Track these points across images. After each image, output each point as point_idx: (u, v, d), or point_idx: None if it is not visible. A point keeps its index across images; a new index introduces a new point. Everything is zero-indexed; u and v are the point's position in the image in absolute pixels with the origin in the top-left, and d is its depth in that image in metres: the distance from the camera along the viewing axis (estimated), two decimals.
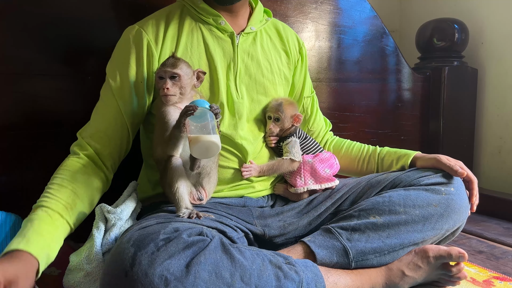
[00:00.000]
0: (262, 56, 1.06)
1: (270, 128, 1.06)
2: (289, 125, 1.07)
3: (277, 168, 1.04)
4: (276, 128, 1.06)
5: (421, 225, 0.92)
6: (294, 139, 1.06)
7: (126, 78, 0.94)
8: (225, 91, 0.99)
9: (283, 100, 1.06)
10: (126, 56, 0.95)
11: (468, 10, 1.92)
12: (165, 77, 0.86)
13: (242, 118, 1.01)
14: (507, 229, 1.49)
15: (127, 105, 0.94)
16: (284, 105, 1.05)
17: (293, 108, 1.07)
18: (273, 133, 1.06)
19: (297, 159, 1.04)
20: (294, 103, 1.10)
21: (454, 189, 0.97)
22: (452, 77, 1.77)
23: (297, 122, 1.07)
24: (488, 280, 1.04)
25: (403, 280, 0.91)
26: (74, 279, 0.79)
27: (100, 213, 0.84)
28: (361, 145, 1.21)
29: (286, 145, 1.06)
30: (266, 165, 1.04)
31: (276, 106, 1.05)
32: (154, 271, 0.63)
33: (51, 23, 1.07)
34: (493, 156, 1.87)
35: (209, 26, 1.01)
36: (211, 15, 1.00)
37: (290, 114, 1.06)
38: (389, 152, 1.15)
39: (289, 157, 1.04)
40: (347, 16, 1.59)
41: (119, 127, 0.94)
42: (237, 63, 1.01)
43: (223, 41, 1.01)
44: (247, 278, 0.70)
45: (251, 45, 1.04)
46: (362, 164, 1.18)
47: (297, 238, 0.96)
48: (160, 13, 1.02)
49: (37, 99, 1.07)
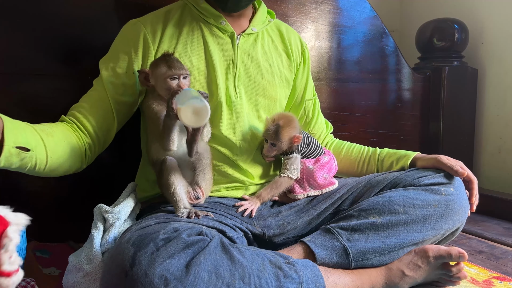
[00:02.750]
0: (263, 58, 1.06)
1: (266, 151, 1.03)
2: (288, 147, 1.03)
3: (277, 188, 1.02)
4: (273, 152, 1.02)
5: (420, 225, 0.92)
6: (295, 155, 1.03)
7: (119, 67, 0.95)
8: (223, 91, 0.99)
9: (280, 123, 0.99)
10: (122, 48, 0.96)
11: (468, 10, 1.92)
12: (179, 78, 0.87)
13: (240, 119, 1.01)
14: (507, 229, 1.49)
15: (115, 91, 0.94)
16: (281, 130, 0.98)
17: (291, 130, 1.00)
18: (270, 155, 1.04)
19: (294, 176, 1.02)
20: (293, 122, 1.01)
21: (454, 189, 0.97)
22: (452, 77, 1.77)
23: (296, 143, 1.02)
24: (488, 280, 1.04)
25: (403, 280, 0.91)
26: (73, 279, 0.79)
27: (98, 214, 0.84)
28: (360, 147, 1.21)
29: (286, 161, 1.03)
30: (264, 191, 1.01)
31: (272, 133, 0.99)
32: (154, 271, 0.63)
33: (51, 23, 1.07)
34: (493, 156, 1.87)
35: (210, 26, 1.01)
36: (212, 15, 1.00)
37: (288, 137, 1.00)
38: (389, 153, 1.15)
39: (287, 175, 1.02)
40: (347, 16, 1.59)
41: (103, 110, 0.94)
42: (237, 63, 1.01)
43: (223, 41, 1.01)
44: (247, 278, 0.70)
45: (251, 46, 1.04)
46: (362, 166, 1.18)
47: (297, 237, 0.96)
48: (160, 10, 1.03)
49: (37, 99, 1.07)
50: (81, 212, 0.97)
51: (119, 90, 0.95)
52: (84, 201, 1.01)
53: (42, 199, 1.10)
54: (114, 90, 0.94)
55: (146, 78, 0.90)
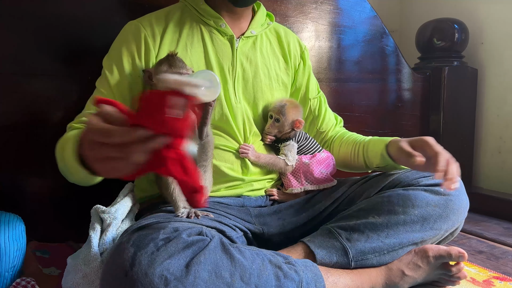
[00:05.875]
0: (261, 61, 1.05)
1: (268, 128, 1.05)
2: (289, 129, 1.06)
3: (273, 163, 1.04)
4: (275, 129, 1.05)
5: (420, 225, 0.92)
6: (293, 143, 1.05)
7: (124, 71, 0.94)
8: (223, 94, 0.99)
9: (287, 103, 1.04)
10: (124, 50, 0.95)
11: (468, 10, 1.92)
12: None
13: (238, 122, 1.01)
14: (507, 229, 1.49)
15: (124, 98, 0.94)
16: (287, 107, 1.03)
17: (296, 113, 1.06)
18: (271, 133, 1.06)
19: (290, 163, 1.04)
20: (299, 107, 1.08)
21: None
22: (452, 77, 1.77)
23: (298, 127, 1.06)
24: (488, 280, 1.04)
25: (403, 279, 0.91)
26: (72, 280, 0.79)
27: (95, 214, 0.84)
28: (355, 139, 1.13)
29: (284, 147, 1.06)
30: (263, 155, 1.03)
31: (279, 108, 1.03)
32: (154, 271, 0.63)
33: (51, 23, 1.07)
34: (493, 156, 1.86)
35: (210, 28, 1.01)
36: (212, 17, 1.00)
37: (292, 119, 1.04)
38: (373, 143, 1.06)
39: (283, 159, 1.04)
40: (347, 16, 1.59)
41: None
42: (236, 67, 1.01)
43: (222, 44, 1.01)
44: (247, 277, 0.70)
45: (250, 49, 1.04)
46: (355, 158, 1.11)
47: (296, 236, 0.96)
48: (160, 12, 1.02)
49: (37, 99, 1.07)
50: (81, 212, 0.97)
51: (125, 91, 0.95)
52: (84, 201, 1.01)
53: (42, 199, 1.10)
54: (120, 91, 0.94)
55: (150, 77, 0.90)
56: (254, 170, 1.03)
